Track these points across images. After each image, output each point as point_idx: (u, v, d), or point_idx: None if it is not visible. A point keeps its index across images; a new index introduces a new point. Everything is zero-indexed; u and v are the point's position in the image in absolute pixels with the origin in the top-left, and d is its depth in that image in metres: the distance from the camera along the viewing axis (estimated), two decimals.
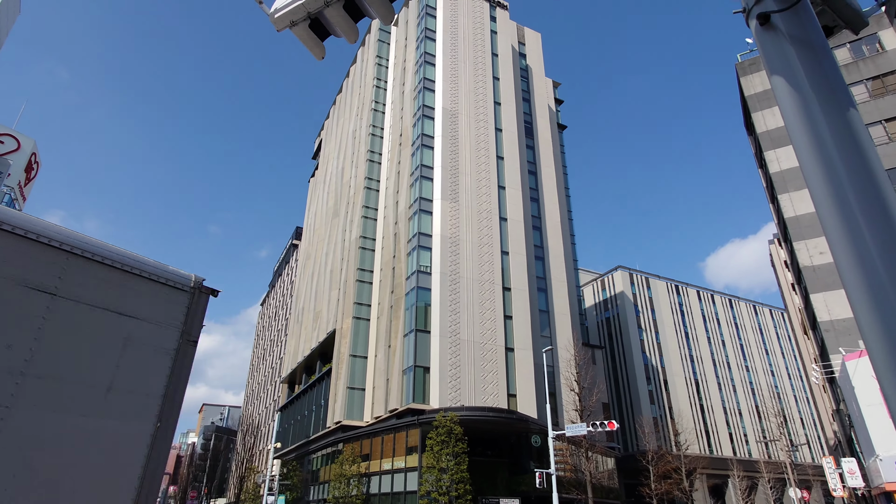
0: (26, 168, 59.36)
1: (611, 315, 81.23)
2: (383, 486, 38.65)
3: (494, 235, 48.07)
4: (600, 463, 48.85)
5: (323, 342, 54.18)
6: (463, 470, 31.18)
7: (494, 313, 44.38)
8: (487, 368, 41.85)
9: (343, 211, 60.69)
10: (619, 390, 75.04)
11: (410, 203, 48.14)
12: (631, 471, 55.34)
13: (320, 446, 48.87)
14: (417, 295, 42.49)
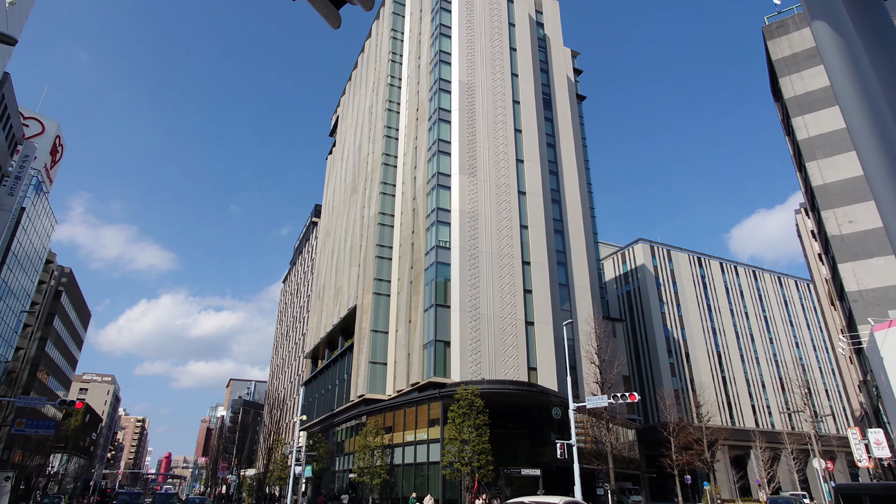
0: (51, 151, 60.56)
1: (631, 288, 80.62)
2: (407, 457, 39.49)
3: (513, 209, 47.74)
4: (621, 434, 49.13)
5: (344, 318, 54.89)
6: (484, 441, 31.63)
7: (514, 287, 44.38)
8: (507, 342, 42.06)
9: (361, 187, 60.74)
10: (639, 363, 74.93)
11: (428, 178, 47.94)
12: (652, 442, 55.61)
13: (344, 419, 49.97)
14: (437, 270, 42.63)
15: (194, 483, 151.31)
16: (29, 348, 65.77)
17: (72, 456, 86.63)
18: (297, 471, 32.70)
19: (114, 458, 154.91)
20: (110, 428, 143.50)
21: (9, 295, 53.59)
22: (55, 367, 76.36)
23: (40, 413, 63.57)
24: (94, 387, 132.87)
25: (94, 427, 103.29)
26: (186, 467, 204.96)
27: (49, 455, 68.08)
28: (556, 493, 37.20)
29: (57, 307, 73.68)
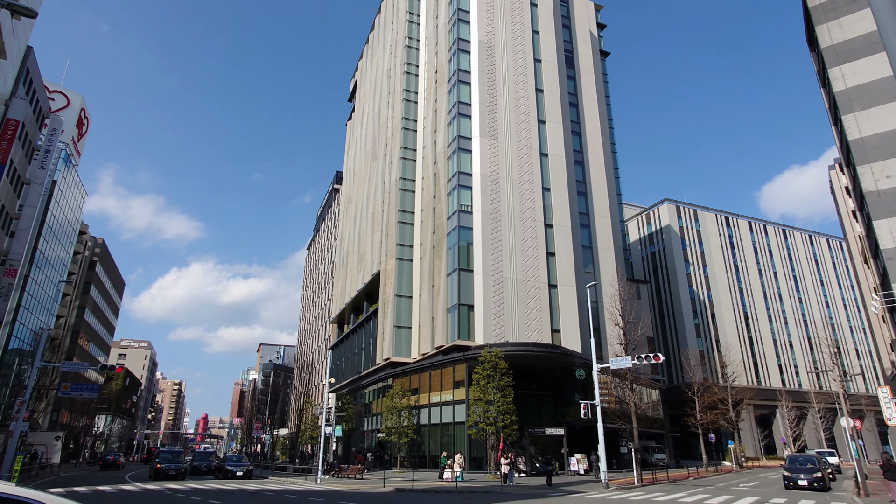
0: (77, 124, 61.48)
1: (656, 249, 79.57)
2: (433, 418, 40.54)
3: (535, 172, 47.14)
4: (645, 394, 49.45)
5: (368, 283, 55.64)
6: (509, 402, 32.21)
7: (537, 250, 44.25)
8: (531, 305, 42.23)
9: (381, 153, 60.50)
10: (664, 324, 74.62)
11: (449, 142, 47.47)
12: (676, 402, 55.86)
13: (371, 381, 51.29)
14: (459, 234, 42.66)
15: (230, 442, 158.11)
16: (69, 316, 68.55)
17: (115, 417, 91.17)
18: (327, 431, 33.84)
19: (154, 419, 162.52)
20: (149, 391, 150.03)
21: (47, 265, 55.59)
22: (94, 334, 79.62)
23: (83, 377, 66.75)
24: (131, 352, 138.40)
25: (135, 390, 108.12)
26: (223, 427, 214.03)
27: (94, 416, 71.79)
28: (579, 450, 37.97)
29: (92, 276, 76.26)
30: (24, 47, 36.60)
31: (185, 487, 26.31)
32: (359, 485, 27.98)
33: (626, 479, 29.05)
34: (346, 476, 34.54)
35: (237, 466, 35.30)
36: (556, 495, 21.00)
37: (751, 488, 24.80)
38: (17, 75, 37.01)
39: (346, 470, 35.47)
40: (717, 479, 32.12)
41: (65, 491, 24.30)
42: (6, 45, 31.22)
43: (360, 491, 23.78)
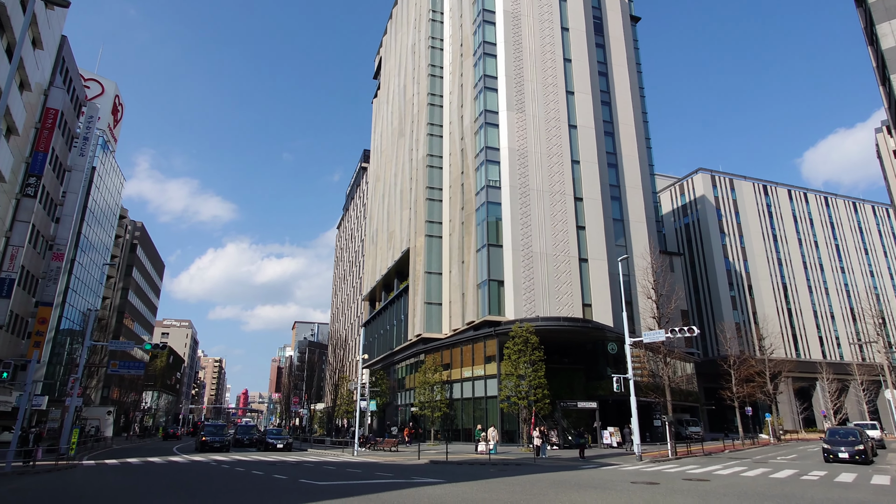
0: (112, 111, 63.02)
1: (690, 220, 77.66)
2: (465, 392, 41.08)
3: (564, 144, 46.32)
4: (679, 368, 48.95)
5: (398, 261, 56.12)
6: (540, 376, 32.35)
7: (566, 224, 43.77)
8: (561, 279, 41.99)
9: (408, 130, 60.29)
10: (698, 297, 73.25)
11: (475, 117, 46.95)
12: (711, 375, 55.14)
13: (403, 357, 52.14)
14: (488, 210, 42.48)
15: (270, 416, 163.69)
16: (114, 297, 71.43)
17: (161, 393, 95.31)
18: (362, 405, 34.71)
19: (198, 394, 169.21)
20: (192, 368, 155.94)
21: (91, 249, 57.82)
22: (138, 314, 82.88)
23: (130, 355, 69.77)
24: (174, 331, 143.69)
25: (178, 367, 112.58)
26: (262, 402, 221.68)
27: (141, 392, 75.21)
28: (612, 424, 38.00)
29: (134, 259, 79.04)
30: (58, 37, 37.48)
31: (229, 459, 27.50)
32: (394, 457, 28.73)
33: (659, 452, 29.02)
34: (382, 449, 35.48)
35: (277, 439, 36.66)
36: (589, 467, 21.16)
37: (789, 461, 24.49)
38: (54, 65, 38.02)
39: (382, 443, 36.41)
40: (753, 452, 31.79)
41: (119, 462, 25.71)
42: (42, 35, 32.03)
43: (396, 463, 24.43)
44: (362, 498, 12.18)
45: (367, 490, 13.68)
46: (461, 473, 18.61)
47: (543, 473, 18.29)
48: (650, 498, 11.77)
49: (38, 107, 36.53)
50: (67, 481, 17.25)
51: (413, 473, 18.48)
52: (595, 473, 18.32)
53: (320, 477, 17.48)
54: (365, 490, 13.69)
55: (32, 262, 38.84)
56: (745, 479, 16.17)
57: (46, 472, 20.87)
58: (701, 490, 13.35)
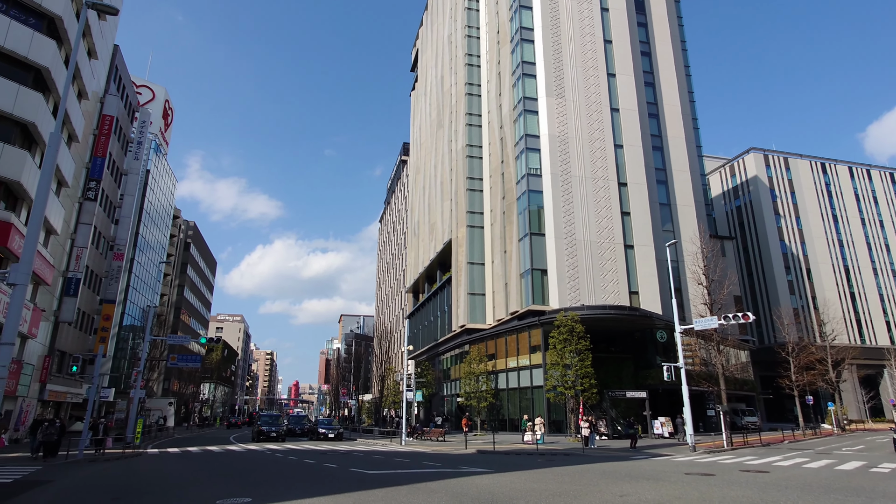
0: (163, 115, 65.58)
1: (742, 203, 74.47)
2: (510, 382, 40.97)
3: (606, 129, 45.20)
4: (732, 356, 47.24)
5: (440, 252, 56.30)
6: (587, 366, 31.87)
7: (611, 211, 42.79)
8: (606, 267, 41.15)
9: (447, 121, 60.18)
10: (752, 282, 70.33)
11: (514, 104, 46.38)
12: (767, 363, 53.02)
13: (448, 348, 52.41)
14: (529, 198, 42.00)
15: (320, 407, 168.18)
16: (171, 294, 74.76)
17: (218, 385, 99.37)
18: (408, 396, 35.14)
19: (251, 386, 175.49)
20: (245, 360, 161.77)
21: (148, 248, 60.61)
22: (194, 310, 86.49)
23: (187, 349, 72.98)
24: (227, 325, 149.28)
25: (232, 360, 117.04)
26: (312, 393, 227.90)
27: (199, 384, 78.61)
28: (662, 414, 37.09)
29: (188, 257, 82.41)
30: (111, 46, 39.20)
31: (282, 448, 28.41)
32: (441, 447, 28.97)
33: (714, 443, 28.15)
34: (429, 438, 35.85)
35: (329, 429, 37.51)
36: (640, 458, 20.73)
37: (855, 452, 23.28)
38: (108, 74, 39.81)
39: (429, 432, 36.79)
40: (815, 443, 30.40)
41: (180, 450, 26.97)
42: (96, 45, 33.55)
43: (443, 453, 24.62)
44: (410, 487, 12.32)
45: (415, 479, 13.84)
46: (509, 463, 18.58)
47: (593, 464, 18.04)
48: (706, 490, 11.41)
49: (95, 114, 38.38)
50: (134, 468, 18.22)
51: (460, 463, 18.58)
52: (646, 464, 17.94)
53: (369, 466, 17.80)
54: (413, 479, 13.85)
55: (95, 262, 41.00)
56: (808, 471, 15.47)
57: (115, 459, 22.11)
58: (760, 482, 12.85)
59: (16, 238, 24.44)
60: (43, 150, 27.15)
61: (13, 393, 28.31)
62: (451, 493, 11.22)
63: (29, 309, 28.16)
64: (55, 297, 34.26)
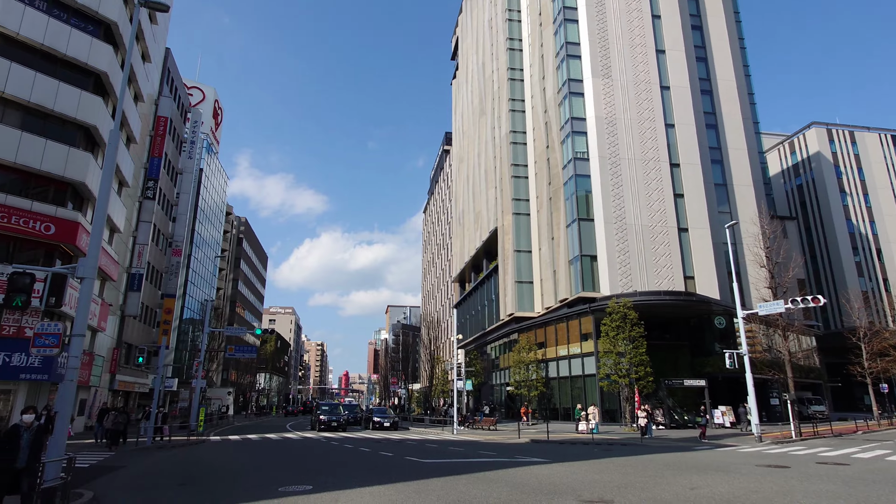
0: (213, 115, 67.61)
1: (803, 181, 70.41)
2: (561, 371, 40.32)
3: (656, 108, 43.46)
4: (798, 342, 44.91)
5: (486, 241, 55.87)
6: (642, 353, 30.91)
7: (662, 193, 41.22)
8: (659, 252, 39.75)
9: (489, 108, 59.43)
10: (815, 264, 66.56)
11: (559, 87, 45.23)
12: (835, 349, 50.13)
13: (496, 337, 52.10)
14: (576, 183, 40.97)
15: (370, 396, 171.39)
16: (226, 288, 77.51)
17: (272, 375, 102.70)
18: (458, 385, 35.11)
19: (304, 376, 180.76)
20: (297, 351, 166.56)
21: (204, 244, 62.90)
22: (248, 303, 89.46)
23: (243, 341, 75.57)
24: (279, 318, 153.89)
25: (285, 351, 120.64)
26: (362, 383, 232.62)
27: (255, 374, 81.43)
28: (721, 403, 35.67)
29: (241, 252, 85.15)
30: (163, 50, 40.51)
31: (337, 436, 28.94)
32: (493, 436, 28.82)
33: (781, 433, 26.80)
34: (480, 427, 35.77)
35: (384, 418, 37.22)
36: (703, 448, 19.92)
37: None
38: (161, 76, 41.20)
39: (480, 421, 36.71)
40: (894, 433, 28.50)
41: (240, 437, 27.89)
42: (149, 49, 34.71)
43: (496, 442, 24.45)
44: (469, 476, 12.17)
45: (472, 468, 13.69)
46: (565, 453, 18.20)
47: (654, 454, 17.43)
48: (783, 484, 10.73)
49: (150, 116, 39.85)
50: (198, 455, 18.89)
51: (516, 452, 18.34)
52: (712, 455, 17.18)
53: (424, 455, 17.81)
54: (470, 468, 13.71)
55: (156, 259, 42.80)
56: (894, 465, 14.39)
57: (181, 446, 23.04)
58: (843, 475, 12.01)
59: (83, 236, 25.69)
60: (104, 151, 28.36)
61: (86, 383, 29.94)
62: (510, 483, 11.00)
63: (97, 303, 29.64)
64: (120, 292, 35.98)
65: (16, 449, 7.61)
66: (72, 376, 9.91)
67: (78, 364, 10.14)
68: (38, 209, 24.30)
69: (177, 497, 10.07)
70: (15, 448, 7.60)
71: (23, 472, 7.65)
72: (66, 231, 24.97)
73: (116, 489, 11.20)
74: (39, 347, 10.56)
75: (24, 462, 7.68)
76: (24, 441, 7.75)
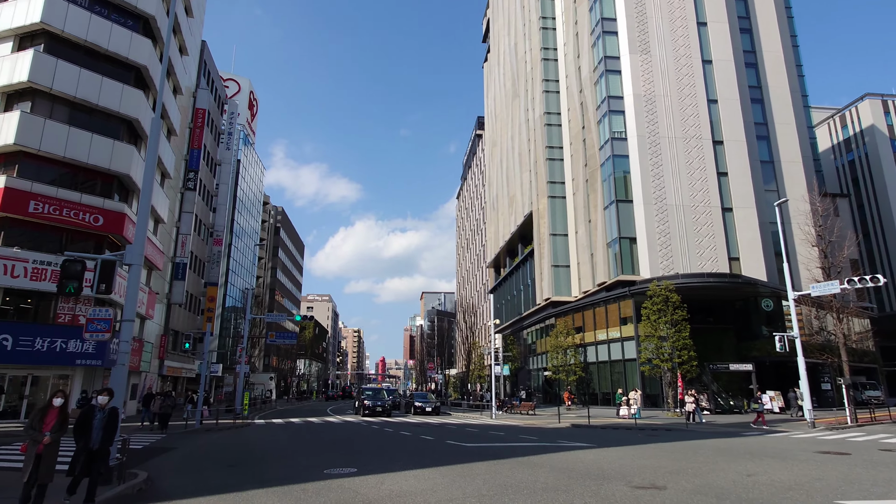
0: (248, 106, 68.62)
1: (855, 157, 66.81)
2: (600, 355, 39.71)
3: (697, 83, 41.82)
4: (847, 325, 42.87)
5: (521, 225, 55.25)
6: (685, 337, 30.07)
7: (705, 172, 39.79)
8: (702, 232, 38.48)
9: (522, 89, 58.40)
10: (868, 243, 63.33)
11: (594, 65, 43.99)
12: (890, 333, 47.71)
13: (532, 322, 51.68)
14: (614, 164, 39.92)
15: (406, 381, 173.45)
16: (265, 276, 79.26)
17: (311, 361, 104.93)
18: (496, 370, 34.97)
19: (341, 362, 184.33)
20: (334, 338, 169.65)
21: (243, 234, 64.32)
22: (286, 290, 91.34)
23: (283, 327, 77.30)
24: (316, 305, 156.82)
25: (323, 338, 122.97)
26: (398, 369, 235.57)
27: (295, 360, 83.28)
28: (768, 388, 34.47)
29: (278, 241, 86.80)
30: (199, 42, 41.15)
31: (376, 420, 29.28)
32: (532, 420, 28.63)
33: (835, 419, 25.72)
34: (518, 412, 35.63)
35: (426, 403, 36.98)
36: (754, 434, 19.26)
37: None
38: (198, 69, 41.90)
39: (518, 406, 36.56)
40: None
41: (283, 421, 28.54)
42: (186, 42, 35.28)
43: (537, 426, 24.25)
44: (512, 461, 12.03)
45: (515, 453, 13.55)
46: (609, 438, 17.87)
47: (702, 440, 16.93)
48: (848, 471, 10.19)
49: (189, 108, 40.65)
50: (244, 438, 19.37)
51: (557, 437, 18.11)
52: (764, 441, 16.56)
53: (465, 439, 17.77)
54: (513, 453, 13.57)
55: (198, 248, 43.93)
56: None
57: (227, 429, 23.70)
58: None
59: (129, 227, 26.49)
60: (147, 144, 29.07)
61: (137, 368, 31.11)
62: (556, 467, 10.80)
63: (145, 292, 30.65)
64: (166, 281, 37.12)
65: (89, 429, 7.71)
66: (123, 360, 10.16)
67: (129, 349, 10.40)
68: (87, 201, 25.14)
69: (227, 478, 10.27)
70: (88, 429, 7.70)
71: (95, 453, 7.76)
72: (114, 222, 25.78)
73: (169, 470, 11.52)
74: (92, 332, 10.87)
75: (97, 443, 7.77)
76: (97, 421, 7.82)
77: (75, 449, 7.68)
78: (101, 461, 7.89)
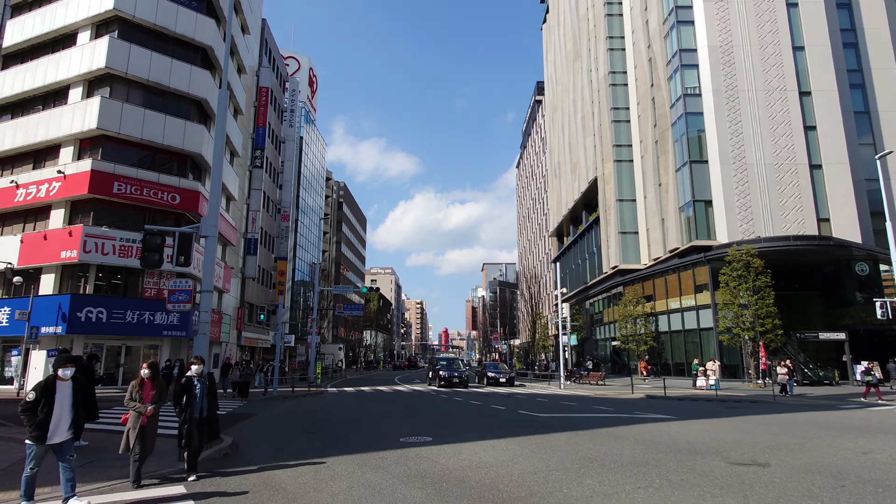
0: (308, 83, 69.50)
1: None
2: (673, 324, 38.11)
3: (781, 29, 38.20)
4: None
5: (585, 192, 53.38)
6: (768, 304, 28.17)
7: (790, 126, 36.60)
8: (786, 193, 35.63)
9: (584, 49, 55.70)
10: None
11: (664, 17, 41.10)
12: None
13: (599, 291, 50.27)
14: (687, 122, 37.46)
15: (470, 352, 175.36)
16: (331, 250, 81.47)
17: (377, 332, 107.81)
18: (563, 340, 34.33)
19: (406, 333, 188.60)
20: (398, 310, 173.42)
21: (308, 210, 66.05)
22: (351, 264, 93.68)
23: (349, 300, 79.55)
24: (380, 277, 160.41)
25: (387, 309, 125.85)
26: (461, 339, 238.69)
27: (362, 331, 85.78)
28: (865, 358, 31.89)
29: (342, 216, 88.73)
30: (259, 20, 41.71)
31: (444, 390, 29.52)
32: (603, 391, 27.94)
33: None
34: (587, 382, 34.96)
35: (498, 373, 35.60)
36: (852, 407, 17.80)
37: None
38: (260, 47, 42.59)
39: (587, 376, 35.86)
40: None
41: (354, 389, 29.34)
42: (247, 20, 35.80)
43: (609, 397, 23.60)
44: (591, 432, 11.59)
45: (592, 424, 13.09)
46: (689, 410, 17.03)
47: (795, 413, 15.78)
48: None
49: (253, 87, 41.52)
50: (320, 405, 19.96)
51: (634, 408, 17.45)
52: (867, 415, 15.22)
53: (537, 409, 17.46)
54: (590, 424, 13.12)
55: (267, 224, 45.42)
56: None
57: (303, 396, 24.60)
58: None
59: (204, 204, 27.55)
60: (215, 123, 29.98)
61: (217, 339, 32.81)
62: (640, 440, 10.27)
63: (221, 266, 32.04)
64: (240, 256, 38.70)
65: (192, 398, 7.63)
66: (204, 330, 10.46)
67: (208, 319, 10.68)
68: (165, 181, 26.29)
69: (307, 444, 10.47)
70: (191, 398, 7.63)
71: (203, 422, 7.72)
72: (190, 200, 26.88)
73: (251, 435, 11.92)
74: (174, 303, 11.25)
75: (203, 412, 7.72)
76: (199, 390, 7.73)
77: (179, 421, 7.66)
78: (207, 429, 7.87)
